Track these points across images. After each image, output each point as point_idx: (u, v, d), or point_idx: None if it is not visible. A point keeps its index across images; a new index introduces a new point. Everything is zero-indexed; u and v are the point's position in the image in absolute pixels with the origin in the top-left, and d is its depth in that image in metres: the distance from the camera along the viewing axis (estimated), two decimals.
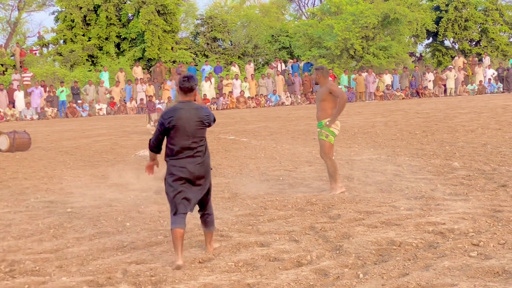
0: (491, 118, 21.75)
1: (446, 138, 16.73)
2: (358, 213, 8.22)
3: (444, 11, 48.39)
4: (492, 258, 6.01)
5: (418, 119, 23.41)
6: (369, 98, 39.10)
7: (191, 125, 6.55)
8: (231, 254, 6.59)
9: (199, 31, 49.06)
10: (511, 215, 7.68)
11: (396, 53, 43.84)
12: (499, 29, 49.86)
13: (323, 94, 9.81)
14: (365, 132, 19.43)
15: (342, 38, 42.28)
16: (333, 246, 6.70)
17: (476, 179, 10.50)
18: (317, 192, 9.94)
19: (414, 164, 12.49)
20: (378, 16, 42.76)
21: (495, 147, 14.30)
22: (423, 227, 7.31)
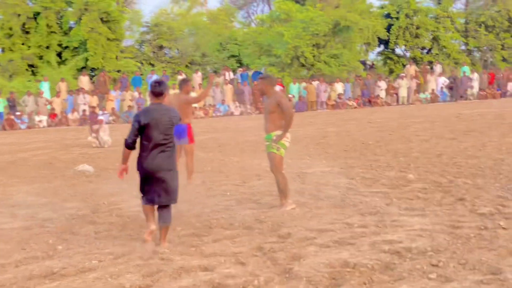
0: (445, 128, 21.73)
1: (400, 148, 16.56)
2: (310, 232, 7.87)
3: (395, 19, 48.71)
4: (453, 281, 5.72)
5: (371, 128, 23.31)
6: (320, 107, 38.99)
7: (162, 124, 7.61)
8: (171, 280, 6.16)
9: (145, 39, 48.43)
10: (470, 232, 7.43)
11: (348, 61, 43.96)
12: (451, 37, 50.43)
13: (271, 106, 9.42)
14: (317, 143, 19.18)
15: (293, 46, 42.22)
16: (282, 269, 6.33)
17: (432, 192, 10.27)
18: (266, 208, 9.56)
19: (368, 176, 12.23)
20: (328, 23, 42.81)
21: (450, 158, 14.15)
22: (379, 246, 6.99)
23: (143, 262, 6.82)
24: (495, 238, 7.12)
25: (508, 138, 17.36)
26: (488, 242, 6.96)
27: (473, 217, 8.30)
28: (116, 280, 6.19)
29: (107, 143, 21.11)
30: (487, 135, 18.36)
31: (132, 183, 12.62)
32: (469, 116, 26.22)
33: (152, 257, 7.00)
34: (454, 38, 50.87)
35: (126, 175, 7.86)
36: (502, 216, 8.22)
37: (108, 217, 9.40)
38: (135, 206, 10.16)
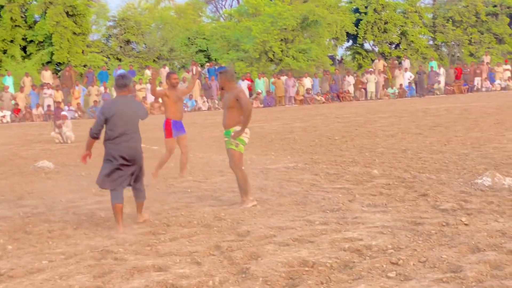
0: (411, 122, 21.73)
1: (366, 143, 16.48)
2: (270, 229, 7.69)
3: (363, 13, 48.79)
4: (412, 279, 5.57)
5: (338, 124, 23.24)
6: (289, 102, 38.89)
7: (127, 115, 8.14)
8: (123, 282, 5.94)
9: (112, 34, 48.00)
10: (432, 228, 7.31)
11: (316, 56, 43.88)
12: (419, 32, 50.64)
13: (230, 101, 9.21)
14: (283, 139, 19.05)
15: (261, 40, 42.04)
16: (239, 269, 6.15)
17: (396, 188, 10.16)
18: (227, 205, 9.39)
19: (332, 172, 12.11)
20: (297, 18, 42.69)
21: (415, 153, 14.09)
22: (339, 244, 6.84)
23: (95, 262, 6.61)
24: (456, 234, 7.00)
25: (473, 133, 17.37)
26: (449, 238, 6.85)
27: (435, 213, 8.19)
28: (66, 282, 5.96)
29: (70, 138, 20.82)
30: (453, 130, 18.36)
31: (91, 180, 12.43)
32: (436, 111, 26.26)
33: (105, 257, 6.79)
34: (422, 33, 51.10)
35: (89, 159, 8.57)
36: (464, 212, 8.12)
37: (63, 215, 9.15)
38: (92, 204, 9.97)
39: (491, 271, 5.67)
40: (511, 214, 7.93)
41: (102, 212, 9.21)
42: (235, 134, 9.14)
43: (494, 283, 5.33)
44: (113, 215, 8.31)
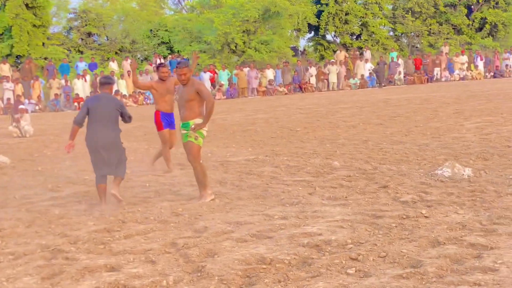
0: (372, 113, 21.63)
1: (327, 135, 16.32)
2: (228, 225, 7.45)
3: (324, 5, 48.69)
4: (371, 276, 5.38)
5: (300, 115, 23.06)
6: (251, 94, 38.62)
7: (107, 109, 9.05)
8: (73, 283, 5.65)
9: (73, 26, 47.27)
10: (392, 222, 7.13)
11: (278, 47, 43.70)
12: (379, 23, 50.74)
13: (190, 94, 8.92)
14: (245, 130, 18.81)
15: (223, 32, 41.76)
16: (194, 268, 5.89)
17: (356, 180, 9.99)
18: (185, 200, 9.12)
19: (292, 164, 11.90)
20: (258, 9, 42.45)
21: (376, 144, 13.96)
22: (298, 240, 6.61)
23: (45, 262, 6.30)
24: (417, 227, 6.83)
25: (433, 123, 17.31)
26: (409, 232, 6.67)
27: (396, 205, 8.02)
28: (12, 284, 5.65)
29: (29, 132, 20.35)
30: (413, 120, 18.29)
31: (48, 175, 12.08)
32: (396, 101, 26.23)
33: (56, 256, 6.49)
34: (383, 24, 51.20)
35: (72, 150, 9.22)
36: (424, 204, 7.96)
37: (16, 213, 8.78)
38: (47, 200, 9.64)
39: (451, 266, 5.50)
40: (471, 205, 7.79)
41: (57, 209, 8.87)
42: (196, 127, 8.86)
43: (454, 279, 5.16)
44: (67, 211, 8.35)
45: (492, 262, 5.50)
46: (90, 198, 9.60)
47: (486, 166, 10.54)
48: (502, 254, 5.70)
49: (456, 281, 5.11)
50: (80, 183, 11.10)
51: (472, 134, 14.71)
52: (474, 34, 52.44)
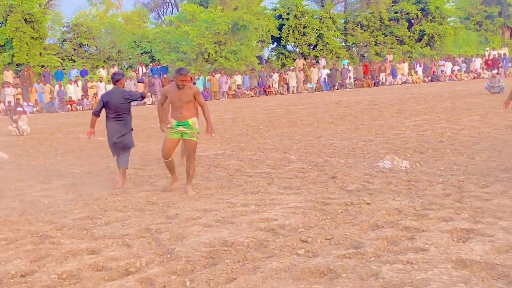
0: (326, 113, 21.63)
1: (286, 132, 16.28)
2: (196, 212, 7.37)
3: (285, 19, 48.64)
4: (318, 256, 5.34)
5: (263, 115, 22.99)
6: (222, 97, 38.48)
7: (117, 101, 9.48)
8: (57, 265, 5.54)
9: (66, 38, 46.58)
10: (338, 208, 7.11)
11: (245, 56, 43.58)
12: (333, 35, 50.80)
13: (189, 96, 8.69)
14: (215, 128, 18.50)
15: (197, 43, 41.53)
16: (165, 250, 5.81)
17: (309, 171, 9.96)
18: (160, 190, 9.01)
19: (255, 158, 11.84)
20: (228, 23, 42.31)
21: (328, 140, 13.95)
22: (256, 224, 6.56)
23: (34, 247, 6.16)
24: (359, 213, 6.81)
25: (377, 121, 17.36)
26: (353, 217, 6.65)
27: (342, 193, 8.00)
28: (4, 267, 5.51)
29: (26, 131, 20.04)
30: (360, 119, 18.32)
31: (41, 169, 11.88)
32: (347, 103, 26.28)
33: (43, 241, 6.35)
34: (336, 36, 51.24)
35: (93, 136, 9.95)
36: (367, 192, 7.96)
37: (10, 203, 8.60)
38: (38, 191, 9.45)
39: (388, 246, 5.49)
40: (406, 193, 7.80)
41: (46, 199, 8.70)
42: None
43: (390, 258, 5.14)
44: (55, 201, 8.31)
45: (423, 243, 5.50)
46: (77, 189, 9.45)
47: (421, 159, 10.58)
48: (432, 236, 5.70)
49: (391, 260, 5.09)
50: (69, 176, 10.93)
51: (411, 131, 14.76)
52: (414, 44, 52.75)
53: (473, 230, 5.83)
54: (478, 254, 5.10)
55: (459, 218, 6.32)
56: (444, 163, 10.08)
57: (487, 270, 4.73)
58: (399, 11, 52.76)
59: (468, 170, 9.30)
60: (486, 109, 19.17)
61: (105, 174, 10.93)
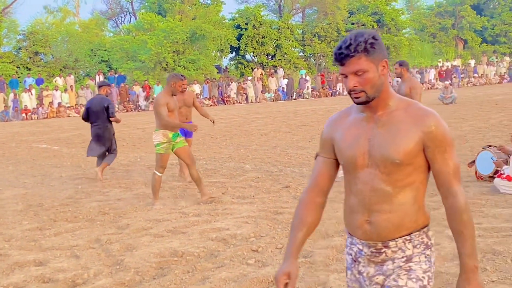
0: (283, 122, 21.71)
1: (242, 141, 16.28)
2: (148, 222, 7.30)
3: (244, 29, 48.73)
4: (268, 265, 5.34)
5: (221, 124, 22.93)
6: None
7: (97, 108, 10.67)
8: (3, 277, 5.42)
9: (22, 46, 45.79)
10: (290, 217, 7.11)
11: (204, 65, 43.51)
12: (291, 45, 51.08)
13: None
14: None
15: (155, 52, 41.29)
16: (114, 261, 5.74)
17: (263, 180, 9.97)
18: (113, 200, 8.90)
19: (210, 167, 11.81)
20: (186, 32, 42.20)
21: (283, 149, 13.99)
22: (208, 234, 6.54)
23: None
24: None
25: None
26: None
27: (295, 203, 8.01)
28: None
29: None
30: (316, 129, 18.42)
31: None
32: (304, 112, 26.42)
33: None
34: (294, 46, 51.56)
35: None
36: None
37: None
38: None
39: (337, 255, 5.52)
40: None
41: None
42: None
43: (338, 266, 5.18)
44: (5, 212, 8.18)
45: None
46: (27, 200, 9.28)
47: None
48: None
49: (339, 268, 5.12)
50: (20, 186, 10.72)
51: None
52: None
53: None
54: None
55: None
56: None
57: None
58: (355, 23, 53.41)
59: None
60: None
61: (57, 184, 10.75)
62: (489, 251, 5.41)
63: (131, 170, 11.99)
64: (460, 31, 59.32)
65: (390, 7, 54.80)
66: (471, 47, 58.79)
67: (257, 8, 50.54)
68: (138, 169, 11.89)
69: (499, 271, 4.87)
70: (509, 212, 6.82)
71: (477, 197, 7.79)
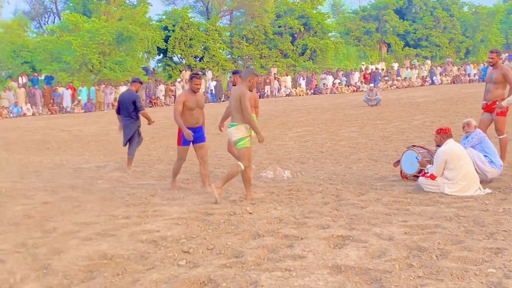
0: (211, 124, 21.59)
1: (171, 143, 16.17)
2: (75, 225, 7.14)
3: (171, 31, 48.48)
4: (199, 266, 5.33)
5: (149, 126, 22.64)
6: (107, 108, 37.70)
7: (126, 102, 11.69)
8: None
9: None
10: (221, 218, 7.13)
11: (131, 67, 42.98)
12: (219, 47, 51.14)
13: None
14: (99, 140, 18.31)
15: (81, 53, 40.52)
16: (41, 265, 5.59)
17: (193, 182, 9.97)
18: (38, 204, 8.67)
19: (139, 170, 11.70)
20: (113, 33, 41.60)
21: (213, 151, 13.98)
22: (137, 236, 6.46)
23: None
24: (241, 223, 6.87)
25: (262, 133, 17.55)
26: (234, 227, 6.69)
27: (225, 204, 8.03)
28: None
29: None
30: None
31: None
32: None
33: None
34: (222, 48, 51.63)
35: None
36: (249, 202, 8.03)
37: None
38: None
39: (268, 255, 5.56)
40: (288, 202, 7.96)
41: None
42: None
43: (269, 266, 5.21)
44: None
45: (301, 250, 5.61)
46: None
47: (303, 169, 10.83)
48: (310, 243, 5.83)
49: (270, 267, 5.16)
50: None
51: (293, 142, 15.09)
52: (297, 58, 54.06)
53: (349, 236, 6.02)
54: (352, 259, 5.27)
55: (336, 225, 6.52)
56: (324, 172, 10.38)
57: (360, 274, 4.90)
58: (282, 26, 53.98)
59: (346, 179, 9.62)
60: (364, 120, 19.92)
61: None
62: (414, 248, 5.57)
63: (57, 173, 11.73)
64: (383, 35, 60.82)
65: (316, 11, 55.71)
66: (394, 51, 60.36)
67: (184, 10, 50.40)
68: (64, 172, 11.65)
69: (425, 267, 5.01)
70: (433, 210, 7.04)
71: (402, 196, 8.02)
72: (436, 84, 46.70)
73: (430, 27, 60.80)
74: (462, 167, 8.01)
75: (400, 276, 4.77)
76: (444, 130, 8.39)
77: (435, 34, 60.56)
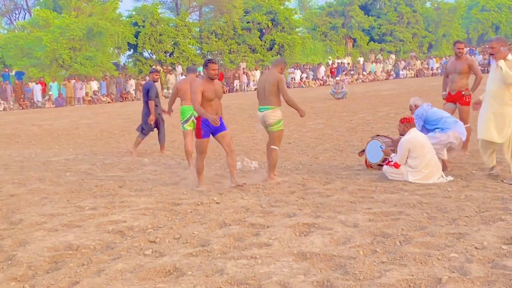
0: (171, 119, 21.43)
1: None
2: (42, 217, 6.95)
3: (141, 26, 48.02)
4: (165, 255, 5.20)
5: (120, 120, 22.48)
6: (78, 103, 37.21)
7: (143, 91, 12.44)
8: None
9: None
10: (188, 208, 7.00)
11: (102, 62, 42.51)
12: (188, 42, 50.84)
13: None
14: (69, 134, 18.01)
15: (51, 49, 39.92)
16: (5, 256, 5.41)
17: (162, 173, 9.80)
18: (5, 196, 8.44)
19: (108, 162, 11.48)
20: (83, 29, 41.07)
21: (182, 143, 13.78)
22: (104, 227, 6.30)
23: None
24: (208, 212, 6.75)
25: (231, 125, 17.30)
26: (201, 216, 6.57)
27: (193, 194, 7.90)
28: None
29: None
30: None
31: None
32: None
33: None
34: (191, 43, 51.33)
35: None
36: (217, 192, 7.92)
37: None
38: None
39: (234, 243, 5.46)
40: (254, 192, 7.86)
41: None
42: None
43: (235, 254, 5.11)
44: None
45: (267, 238, 5.52)
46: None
47: None
48: (276, 231, 5.74)
49: (236, 256, 5.05)
50: None
51: (261, 134, 14.94)
52: (265, 53, 53.96)
53: (314, 224, 5.95)
54: (317, 246, 5.19)
55: (302, 213, 6.44)
56: (291, 163, 10.31)
57: (325, 261, 4.82)
58: (251, 21, 53.81)
59: (312, 169, 9.56)
60: (331, 112, 19.92)
61: None
62: (379, 234, 5.51)
63: (26, 166, 11.47)
64: (349, 30, 61.08)
65: (283, 7, 55.60)
66: (359, 46, 60.66)
67: (154, 5, 49.98)
68: (32, 165, 11.38)
69: (389, 252, 4.96)
70: (397, 198, 7.01)
71: (367, 184, 7.97)
72: (400, 77, 47.03)
73: (394, 23, 61.24)
74: (425, 155, 7.99)
75: (364, 262, 4.70)
76: (407, 120, 8.36)
77: (399, 29, 61.03)
